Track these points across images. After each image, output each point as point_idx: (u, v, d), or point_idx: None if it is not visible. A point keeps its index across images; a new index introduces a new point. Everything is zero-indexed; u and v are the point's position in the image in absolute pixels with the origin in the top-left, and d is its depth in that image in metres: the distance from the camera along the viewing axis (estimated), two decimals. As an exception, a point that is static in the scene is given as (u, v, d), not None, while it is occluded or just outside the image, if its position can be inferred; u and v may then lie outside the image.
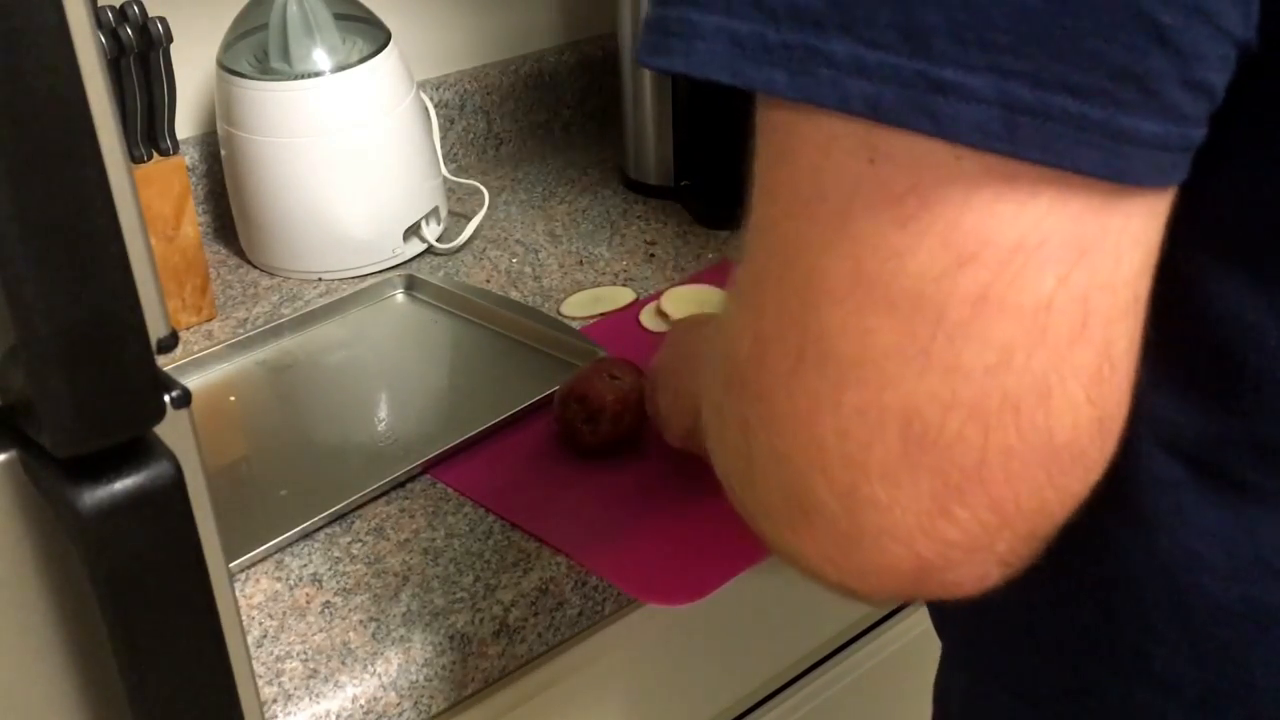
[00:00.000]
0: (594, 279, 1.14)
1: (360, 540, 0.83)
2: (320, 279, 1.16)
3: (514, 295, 1.11)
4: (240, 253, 1.21)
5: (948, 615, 0.59)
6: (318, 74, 1.10)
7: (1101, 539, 0.46)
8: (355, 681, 0.72)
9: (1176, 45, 0.34)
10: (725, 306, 0.43)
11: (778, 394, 0.39)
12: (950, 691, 0.61)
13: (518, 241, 1.22)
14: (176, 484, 0.47)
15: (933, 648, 0.64)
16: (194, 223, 1.08)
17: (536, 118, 1.45)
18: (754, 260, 0.40)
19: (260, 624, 0.76)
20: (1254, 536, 0.43)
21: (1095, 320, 0.36)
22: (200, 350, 1.03)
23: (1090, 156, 0.34)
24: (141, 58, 1.02)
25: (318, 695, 0.71)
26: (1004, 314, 0.35)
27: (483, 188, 1.28)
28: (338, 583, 0.79)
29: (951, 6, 0.33)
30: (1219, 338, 0.41)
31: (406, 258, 1.18)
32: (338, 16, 1.13)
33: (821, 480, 0.39)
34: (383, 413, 0.98)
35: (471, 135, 1.39)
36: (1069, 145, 0.34)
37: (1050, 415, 0.37)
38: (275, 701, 0.71)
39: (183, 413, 0.50)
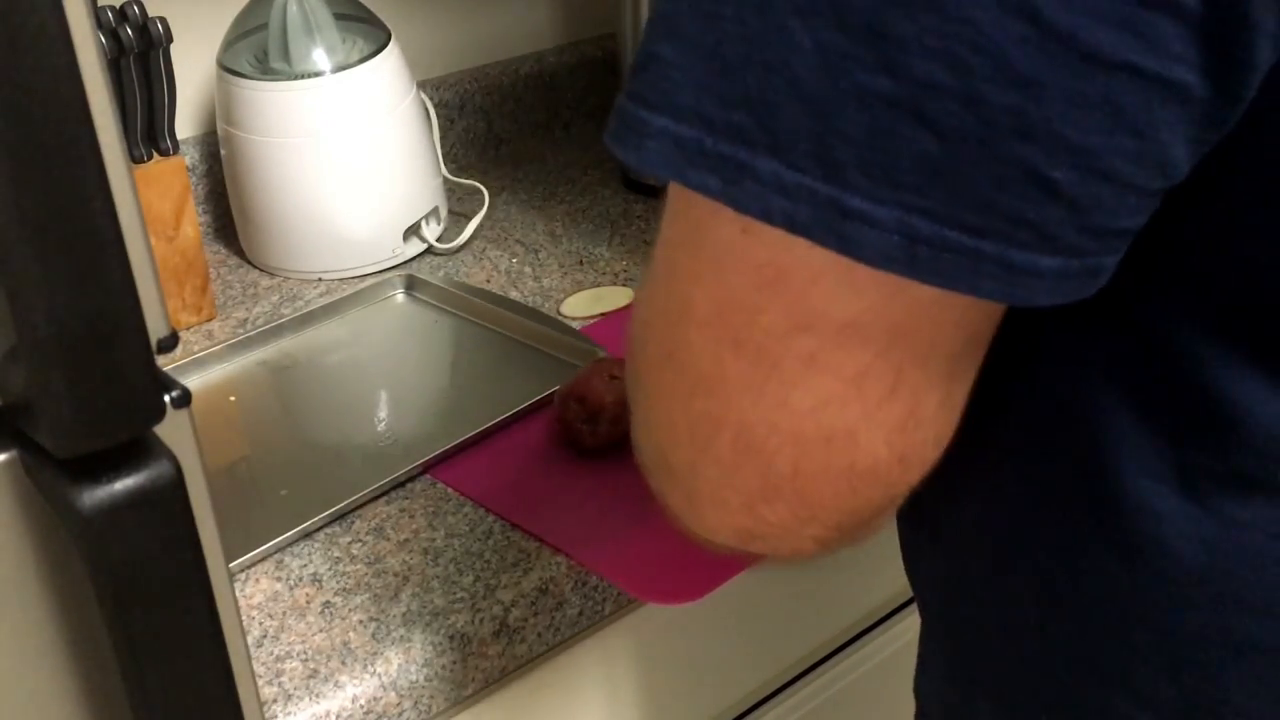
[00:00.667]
0: (594, 279, 1.14)
1: (360, 540, 0.83)
2: (320, 279, 1.16)
3: (514, 295, 1.11)
4: (240, 253, 1.21)
5: (931, 624, 0.60)
6: (318, 74, 1.10)
7: (1086, 562, 0.49)
8: (355, 681, 0.72)
9: (1071, 198, 0.36)
10: (644, 272, 0.49)
11: (650, 377, 0.46)
12: (931, 697, 0.62)
13: (518, 241, 1.22)
14: (176, 484, 0.47)
15: (933, 648, 0.64)
16: (194, 223, 1.08)
17: (536, 118, 1.45)
18: (656, 259, 0.45)
19: (260, 624, 0.76)
20: (1229, 570, 0.45)
21: (905, 387, 0.42)
22: (200, 350, 1.03)
23: (988, 285, 0.38)
24: (141, 58, 1.02)
25: (318, 695, 0.71)
26: (827, 373, 0.41)
27: (483, 188, 1.28)
28: (338, 583, 0.79)
29: (862, 145, 0.36)
30: (1186, 379, 0.44)
31: (406, 258, 1.18)
32: (338, 16, 1.13)
33: (675, 452, 0.46)
34: (383, 413, 0.98)
35: (471, 135, 1.39)
36: (965, 274, 0.37)
37: (855, 450, 0.43)
38: (275, 701, 0.71)
39: (183, 413, 0.50)
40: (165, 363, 0.55)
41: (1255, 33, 0.34)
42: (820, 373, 0.41)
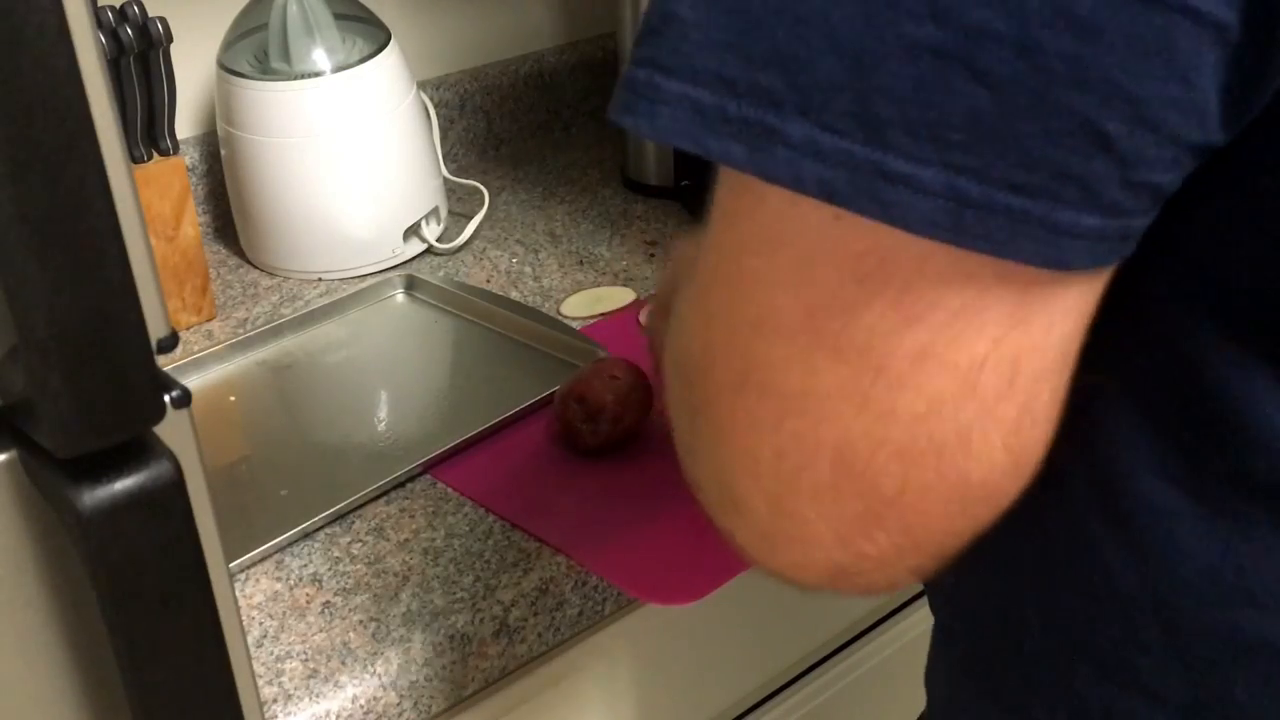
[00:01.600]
0: (594, 279, 1.14)
1: (360, 540, 0.83)
2: (320, 279, 1.16)
3: (514, 295, 1.11)
4: (240, 253, 1.21)
5: (938, 620, 0.60)
6: (318, 74, 1.10)
7: (1096, 559, 0.48)
8: (355, 681, 0.72)
9: (1120, 151, 0.35)
10: (685, 291, 0.44)
11: (720, 405, 0.41)
12: (936, 693, 0.62)
13: (518, 241, 1.22)
14: (176, 484, 0.47)
15: (933, 648, 0.64)
16: (194, 223, 1.08)
17: (536, 118, 1.45)
18: (710, 273, 0.41)
19: (260, 624, 0.76)
20: (1239, 568, 0.45)
21: (1022, 379, 0.39)
22: (200, 350, 1.03)
23: (1028, 248, 0.36)
24: (141, 58, 1.02)
25: (318, 695, 0.71)
26: (940, 370, 0.38)
27: (483, 188, 1.28)
28: (338, 583, 0.79)
29: (907, 101, 0.34)
30: (1202, 385, 0.43)
31: (406, 258, 1.18)
32: (338, 16, 1.13)
33: (753, 488, 0.42)
34: (383, 413, 0.98)
35: (471, 135, 1.39)
36: (1009, 237, 0.35)
37: (969, 459, 0.39)
38: (275, 701, 0.71)
39: (183, 413, 0.50)
40: (165, 363, 0.55)
41: None
42: (933, 370, 0.38)
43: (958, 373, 0.38)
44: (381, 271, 1.16)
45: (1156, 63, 0.34)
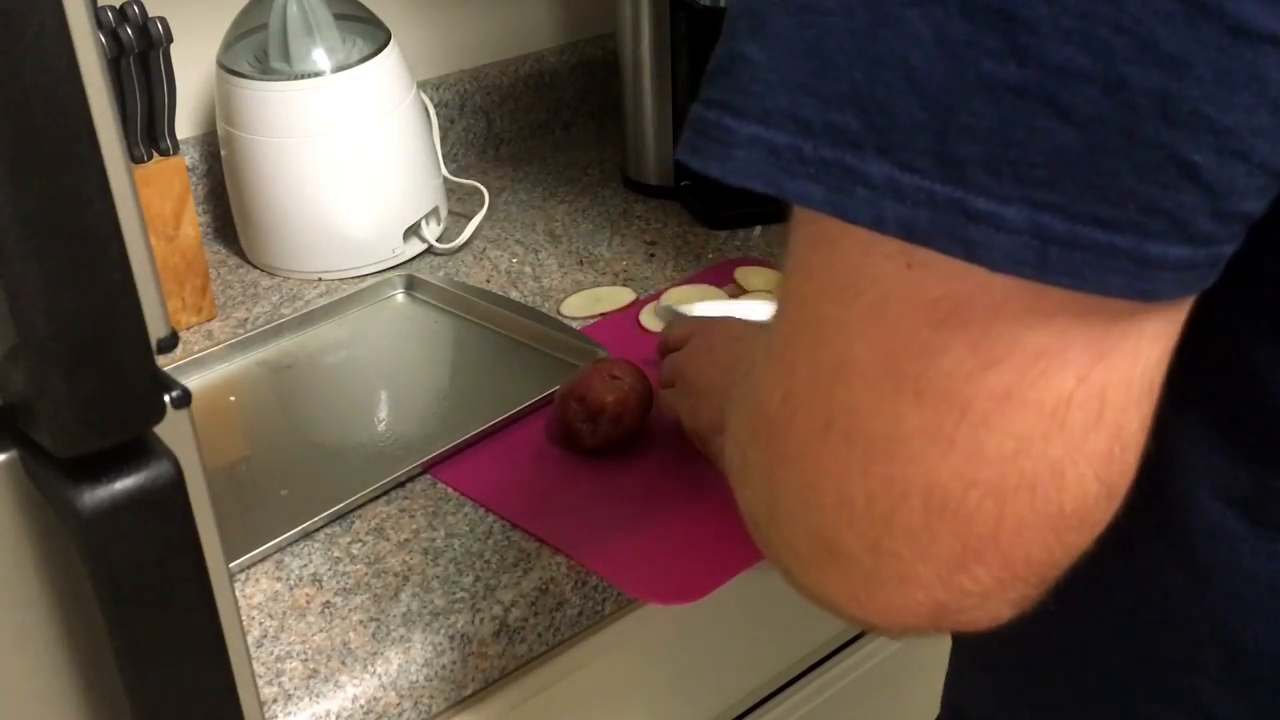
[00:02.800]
0: (594, 279, 1.14)
1: (360, 540, 0.83)
2: (320, 279, 1.16)
3: (514, 295, 1.11)
4: (240, 253, 1.21)
5: (972, 641, 0.60)
6: (318, 74, 1.10)
7: (1155, 583, 0.48)
8: (355, 681, 0.72)
9: (1209, 183, 0.34)
10: (758, 354, 0.44)
11: (806, 454, 0.41)
12: (966, 711, 0.61)
13: (518, 241, 1.22)
14: (176, 484, 0.47)
15: (933, 648, 0.64)
16: (194, 223, 1.08)
17: (536, 118, 1.45)
18: (788, 323, 0.41)
19: (260, 624, 0.76)
20: None
21: (1110, 411, 0.38)
22: (200, 350, 1.03)
23: (1116, 282, 0.35)
24: (141, 58, 1.02)
25: (318, 695, 0.71)
26: (1026, 409, 0.37)
27: (483, 188, 1.28)
28: (338, 583, 0.79)
29: (988, 140, 0.34)
30: (1269, 400, 0.43)
31: (406, 258, 1.18)
32: (338, 16, 1.13)
33: (849, 532, 0.41)
34: (383, 413, 0.98)
35: (471, 135, 1.39)
36: (1096, 272, 0.35)
37: (1062, 493, 0.39)
38: (275, 701, 0.71)
39: (183, 413, 0.50)
40: (165, 363, 0.55)
41: None
42: (1018, 410, 0.37)
43: (1044, 411, 0.37)
44: (381, 271, 1.16)
45: (1246, 94, 0.33)
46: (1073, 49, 0.33)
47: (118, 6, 1.00)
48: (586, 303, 1.10)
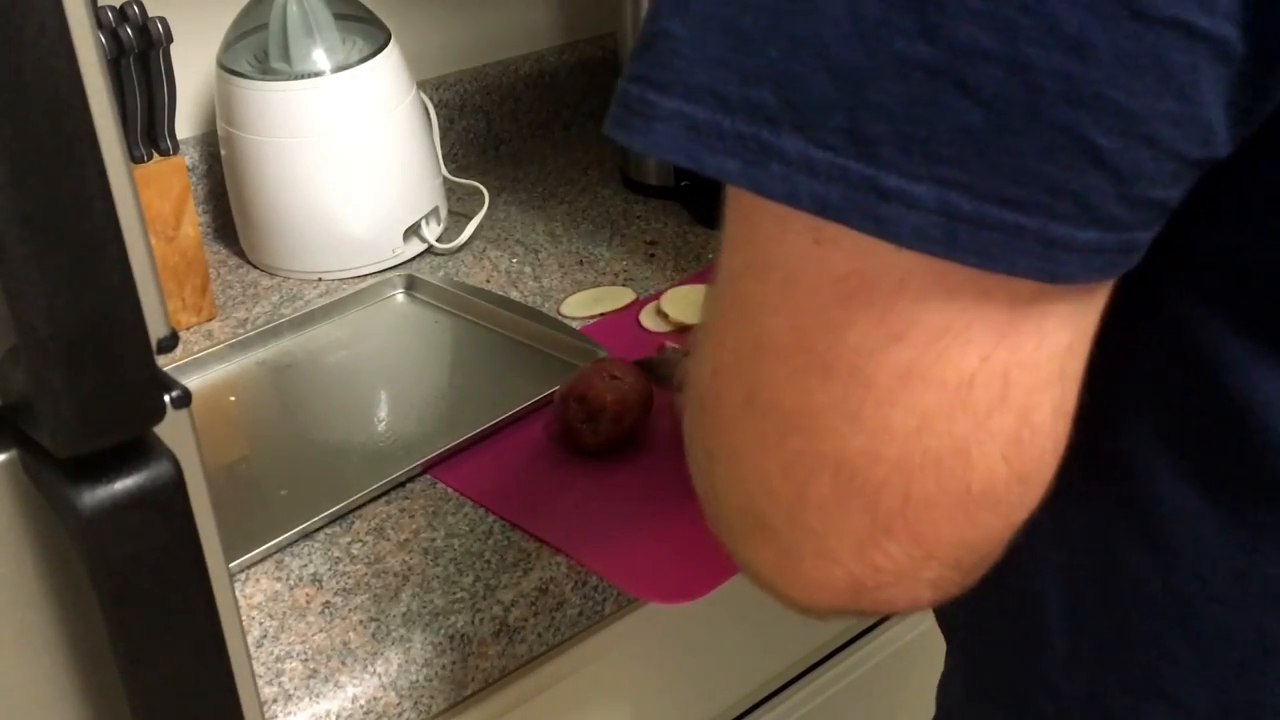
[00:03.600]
0: (594, 279, 1.14)
1: (360, 540, 0.83)
2: (320, 279, 1.16)
3: (514, 295, 1.11)
4: (240, 253, 1.21)
5: (949, 635, 0.60)
6: (318, 74, 1.10)
7: (1119, 563, 0.48)
8: (355, 681, 0.72)
9: (1115, 166, 0.35)
10: (698, 326, 0.45)
11: (731, 428, 0.42)
12: (949, 710, 0.62)
13: (518, 241, 1.22)
14: (176, 484, 0.47)
15: (933, 648, 0.64)
16: (194, 223, 1.08)
17: (536, 118, 1.45)
18: (718, 298, 0.42)
19: (260, 624, 0.76)
20: (1266, 570, 0.45)
21: (1015, 393, 0.39)
22: (200, 350, 1.03)
23: (1023, 262, 0.36)
24: (141, 58, 1.02)
25: (318, 695, 0.71)
26: (928, 386, 0.38)
27: (483, 188, 1.28)
28: (338, 583, 0.79)
29: (899, 118, 0.34)
30: (1220, 385, 0.43)
31: (406, 258, 1.18)
32: (338, 16, 1.13)
33: (769, 503, 0.42)
34: (383, 413, 0.98)
35: (471, 135, 1.39)
36: (1004, 251, 0.36)
37: (969, 471, 0.39)
38: (275, 701, 0.71)
39: (183, 413, 0.50)
40: (165, 363, 0.55)
41: None
42: (920, 387, 0.38)
43: (946, 389, 0.38)
44: (381, 271, 1.16)
45: (1149, 79, 0.34)
46: (979, 29, 0.33)
47: (118, 6, 1.00)
48: (586, 303, 1.10)
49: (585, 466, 0.88)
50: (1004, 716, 0.55)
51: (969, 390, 0.38)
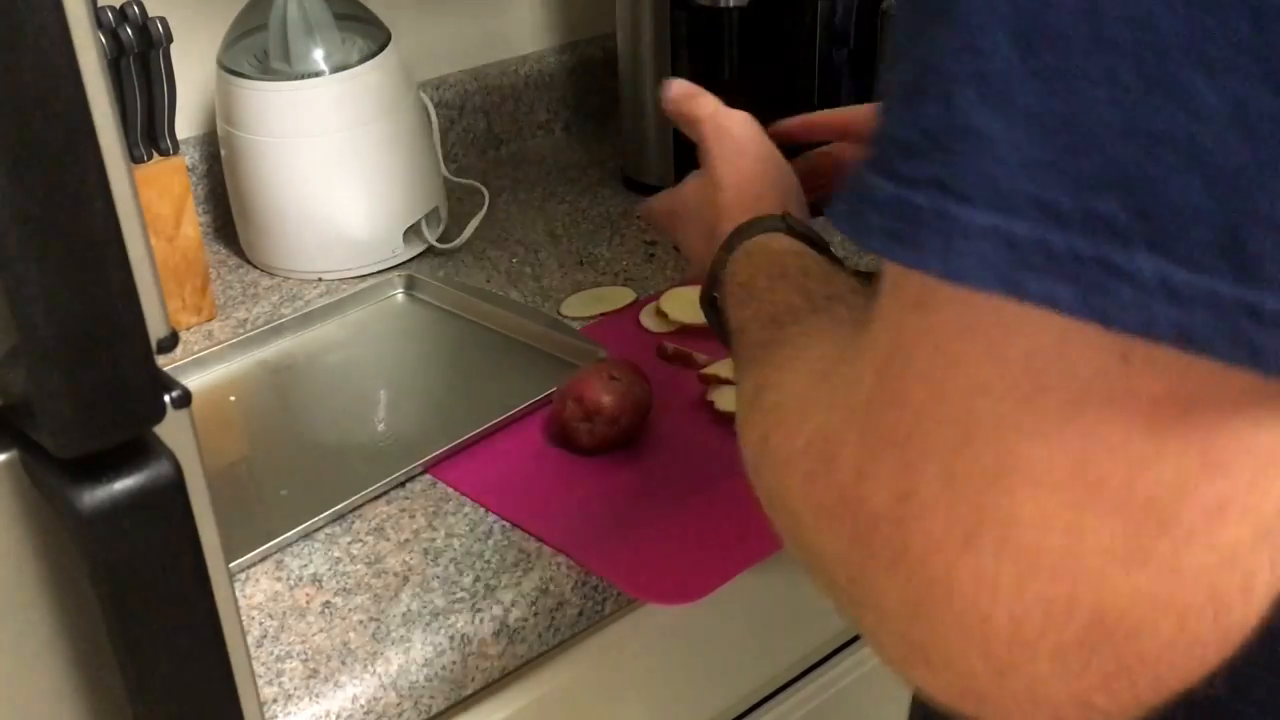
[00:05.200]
0: (594, 279, 1.14)
1: (360, 540, 0.83)
2: (320, 279, 1.16)
3: (514, 295, 1.11)
4: (240, 253, 1.21)
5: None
6: (318, 74, 1.10)
7: None
8: (355, 681, 0.72)
9: None
10: (821, 405, 0.40)
11: (934, 566, 0.35)
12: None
13: (518, 241, 1.22)
14: (176, 484, 0.47)
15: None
16: (194, 223, 1.08)
17: (536, 118, 1.45)
18: (908, 411, 0.35)
19: (260, 624, 0.76)
20: None
21: None
22: (200, 350, 1.03)
23: None
24: (141, 58, 1.02)
25: (318, 695, 0.71)
26: (1242, 521, 0.33)
27: (483, 188, 1.28)
28: (338, 583, 0.79)
29: None
30: None
31: (406, 258, 1.18)
32: (338, 16, 1.13)
33: (973, 651, 0.36)
34: (383, 413, 0.98)
35: (471, 135, 1.39)
36: None
37: (1248, 607, 0.34)
38: (275, 701, 0.71)
39: (183, 413, 0.50)
40: (165, 363, 0.55)
41: None
42: (1231, 521, 0.32)
43: (1260, 520, 0.33)
44: (381, 271, 1.16)
45: None
46: None
47: (118, 6, 1.00)
48: (586, 303, 1.10)
49: (586, 466, 0.88)
50: None
51: (1277, 518, 0.33)
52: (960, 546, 0.34)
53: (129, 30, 0.99)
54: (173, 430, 0.48)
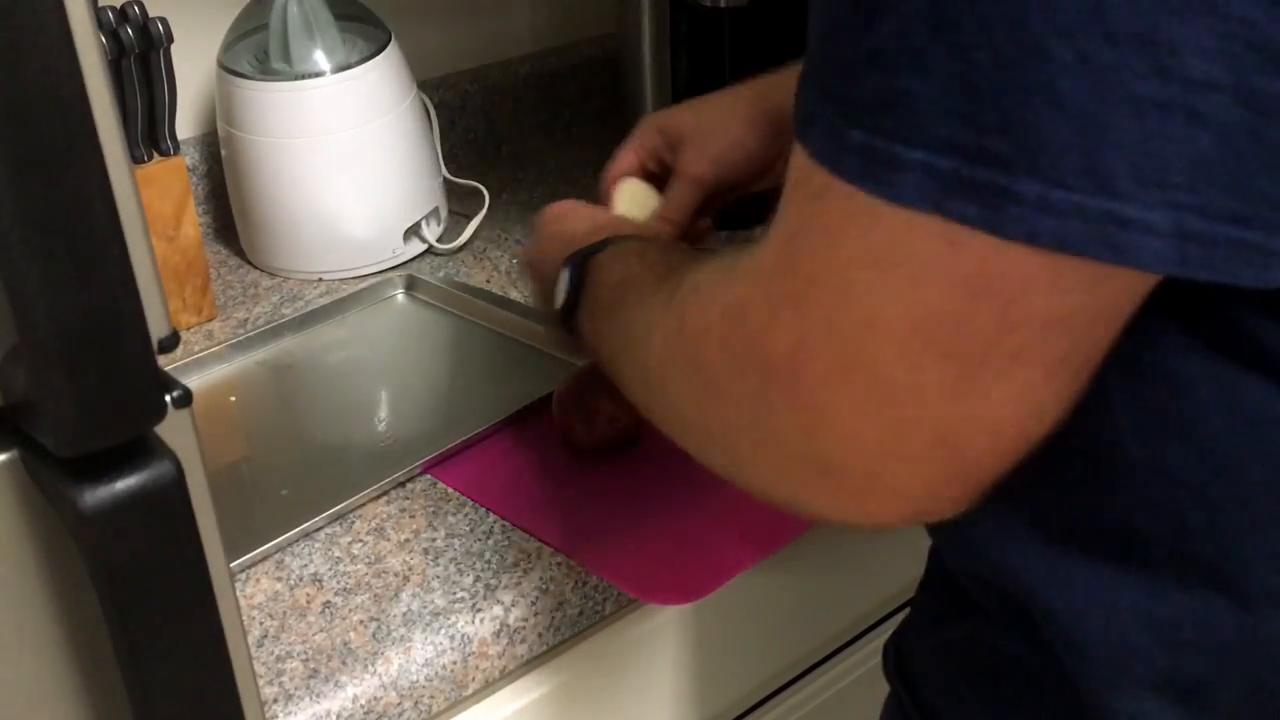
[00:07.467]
0: (594, 279, 1.14)
1: (360, 540, 0.83)
2: (320, 279, 1.16)
3: (514, 295, 1.11)
4: (240, 253, 1.21)
5: (905, 670, 0.66)
6: (318, 74, 1.10)
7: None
8: (355, 681, 0.72)
9: None
10: (733, 283, 0.50)
11: (820, 394, 0.46)
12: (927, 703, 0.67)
13: (518, 241, 1.22)
14: (177, 484, 0.47)
15: (932, 648, 0.64)
16: (194, 223, 1.08)
17: (536, 118, 1.45)
18: (799, 278, 0.46)
19: (260, 624, 0.76)
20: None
21: (1089, 362, 0.45)
22: (201, 350, 1.03)
23: (1246, 272, 0.39)
24: (142, 58, 1.02)
25: (318, 695, 0.71)
26: (1033, 365, 0.43)
27: (483, 188, 1.28)
28: (338, 583, 0.79)
29: (1132, 151, 0.37)
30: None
31: (406, 258, 1.18)
32: (338, 16, 1.13)
33: (853, 460, 0.47)
34: (383, 413, 0.98)
35: (471, 135, 1.39)
36: (1228, 264, 0.39)
37: (1042, 427, 0.45)
38: (275, 701, 0.71)
39: (183, 413, 0.50)
40: (166, 363, 0.55)
41: None
42: (1026, 365, 0.43)
43: (1046, 365, 0.43)
44: (382, 271, 1.16)
45: None
46: (1212, 65, 0.36)
47: (118, 7, 1.00)
48: (586, 303, 1.09)
49: (586, 466, 0.89)
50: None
51: (1063, 365, 0.44)
52: (840, 380, 0.45)
53: (129, 31, 0.99)
54: (174, 430, 0.48)
